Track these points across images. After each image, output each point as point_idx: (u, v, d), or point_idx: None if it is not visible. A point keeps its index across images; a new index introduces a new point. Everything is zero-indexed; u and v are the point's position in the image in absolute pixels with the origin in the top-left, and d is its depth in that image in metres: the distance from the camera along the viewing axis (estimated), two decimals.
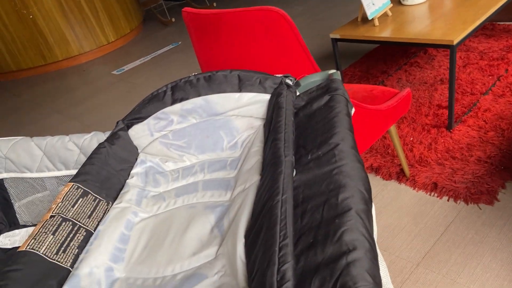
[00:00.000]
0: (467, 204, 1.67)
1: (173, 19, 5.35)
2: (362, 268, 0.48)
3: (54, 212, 0.83)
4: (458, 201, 1.69)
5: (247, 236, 0.70)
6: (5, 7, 4.32)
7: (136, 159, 1.10)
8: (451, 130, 2.04)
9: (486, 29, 2.89)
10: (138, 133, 1.10)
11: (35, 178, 1.09)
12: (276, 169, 0.70)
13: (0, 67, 4.72)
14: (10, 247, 1.11)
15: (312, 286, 0.50)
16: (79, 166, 1.09)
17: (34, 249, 0.76)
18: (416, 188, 1.80)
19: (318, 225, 0.58)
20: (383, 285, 0.69)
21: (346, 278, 0.48)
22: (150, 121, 1.10)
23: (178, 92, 1.07)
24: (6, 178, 1.10)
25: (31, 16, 4.41)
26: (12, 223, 1.16)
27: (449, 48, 1.81)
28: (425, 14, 2.11)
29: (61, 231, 0.80)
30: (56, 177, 1.08)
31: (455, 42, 1.78)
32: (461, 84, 2.38)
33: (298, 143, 0.78)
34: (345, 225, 0.55)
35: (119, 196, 1.00)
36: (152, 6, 5.89)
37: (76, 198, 0.88)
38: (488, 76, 2.40)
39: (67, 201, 0.87)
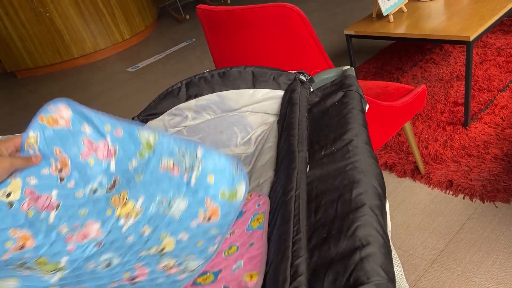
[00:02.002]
0: (483, 202, 1.65)
1: (187, 16, 5.37)
2: (375, 263, 0.49)
3: None
4: (474, 199, 1.67)
5: None
6: (22, 5, 4.39)
7: None
8: (467, 127, 2.02)
9: (504, 25, 2.84)
10: None
11: None
12: (290, 165, 0.70)
13: (18, 64, 4.80)
14: None
15: (326, 280, 0.50)
16: None
17: None
18: (431, 186, 1.79)
19: (331, 220, 0.58)
20: (397, 283, 0.69)
21: (360, 273, 0.48)
22: (165, 117, 1.11)
23: (192, 88, 1.08)
24: None
25: (47, 14, 4.47)
26: None
27: (465, 44, 1.79)
28: (441, 10, 2.08)
29: None
30: None
31: (471, 38, 1.76)
32: (477, 81, 2.35)
33: (312, 139, 0.78)
34: (359, 221, 0.55)
35: None
36: (166, 3, 5.93)
37: None
38: (505, 72, 2.36)
39: None
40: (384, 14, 2.08)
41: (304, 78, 0.94)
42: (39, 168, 0.73)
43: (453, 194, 1.72)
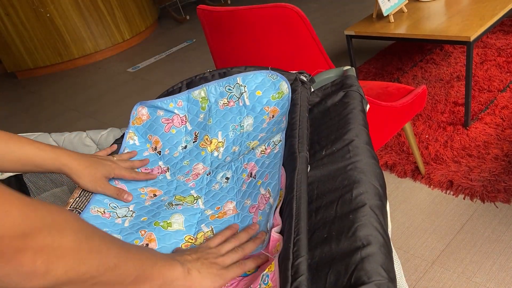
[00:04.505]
0: (484, 202, 1.65)
1: (188, 17, 5.37)
2: (376, 263, 0.49)
3: (71, 207, 0.85)
4: (475, 199, 1.67)
5: None
6: (23, 6, 4.39)
7: None
8: (467, 128, 2.02)
9: (504, 25, 2.84)
10: None
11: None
12: (291, 166, 0.70)
13: (18, 65, 4.80)
14: None
15: (328, 280, 0.50)
16: None
17: None
18: (432, 186, 1.79)
19: (332, 221, 0.58)
20: (397, 283, 0.69)
21: (361, 273, 0.48)
22: None
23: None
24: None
25: (48, 15, 4.48)
26: None
27: (465, 44, 1.79)
28: (442, 10, 2.08)
29: None
30: None
31: (472, 39, 1.76)
32: (478, 81, 2.35)
33: (313, 139, 0.78)
34: (359, 221, 0.55)
35: None
36: (167, 4, 5.93)
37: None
38: (506, 73, 2.36)
39: (84, 196, 0.88)
40: (385, 14, 2.09)
41: (304, 78, 0.94)
42: (141, 152, 0.98)
43: (453, 195, 1.72)
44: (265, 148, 0.85)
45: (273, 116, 0.92)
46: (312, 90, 0.94)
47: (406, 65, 2.72)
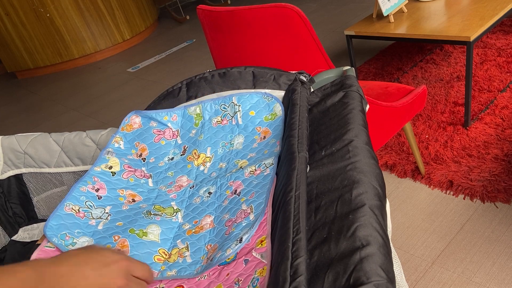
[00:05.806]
0: (484, 202, 1.65)
1: (188, 17, 5.37)
2: (375, 264, 0.49)
3: None
4: (475, 200, 1.67)
5: None
6: (23, 6, 4.39)
7: None
8: (467, 128, 2.02)
9: (504, 25, 2.84)
10: None
11: (53, 173, 1.11)
12: (290, 166, 0.70)
13: (18, 65, 4.80)
14: (28, 240, 1.13)
15: (326, 280, 0.50)
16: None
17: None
18: (432, 186, 1.79)
19: (331, 221, 0.58)
20: (397, 283, 0.69)
21: (360, 273, 0.48)
22: None
23: (193, 88, 1.08)
24: (25, 173, 1.12)
25: (48, 15, 4.48)
26: (31, 217, 1.18)
27: (465, 44, 1.79)
28: (442, 10, 2.08)
29: None
30: (73, 172, 1.10)
31: (472, 39, 1.76)
32: (478, 81, 2.35)
33: (312, 139, 0.78)
34: (359, 221, 0.55)
35: None
36: (167, 4, 5.93)
37: None
38: (506, 73, 2.36)
39: None
40: (385, 14, 2.08)
41: (304, 79, 0.94)
42: (125, 154, 0.97)
43: (453, 195, 1.72)
44: (255, 169, 0.85)
45: (264, 137, 0.93)
46: (312, 90, 0.94)
47: (406, 65, 2.72)
